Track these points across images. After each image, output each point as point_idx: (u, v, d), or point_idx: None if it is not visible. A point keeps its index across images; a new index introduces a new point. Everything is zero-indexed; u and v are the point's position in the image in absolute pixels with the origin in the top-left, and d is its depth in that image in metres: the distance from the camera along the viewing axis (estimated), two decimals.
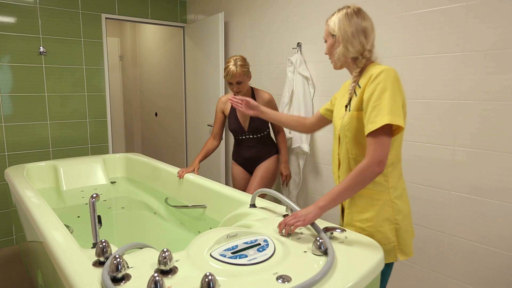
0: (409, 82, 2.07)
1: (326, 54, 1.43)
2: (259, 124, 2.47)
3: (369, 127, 1.22)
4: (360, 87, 1.31)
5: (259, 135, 2.51)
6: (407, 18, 2.06)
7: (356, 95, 1.32)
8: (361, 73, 1.35)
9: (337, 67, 1.42)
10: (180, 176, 2.30)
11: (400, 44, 2.10)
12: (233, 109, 2.49)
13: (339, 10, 1.37)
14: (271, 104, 2.51)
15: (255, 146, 2.54)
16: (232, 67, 2.31)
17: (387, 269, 1.37)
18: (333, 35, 1.36)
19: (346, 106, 1.38)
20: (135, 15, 3.63)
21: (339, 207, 1.49)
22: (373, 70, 1.27)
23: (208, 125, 3.60)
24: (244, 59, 2.38)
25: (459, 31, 1.85)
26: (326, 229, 1.27)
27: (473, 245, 1.89)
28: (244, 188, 2.59)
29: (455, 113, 1.90)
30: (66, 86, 3.32)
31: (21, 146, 3.15)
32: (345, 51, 1.34)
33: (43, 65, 3.18)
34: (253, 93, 2.50)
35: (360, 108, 1.30)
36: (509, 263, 1.78)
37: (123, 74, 5.69)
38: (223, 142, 3.47)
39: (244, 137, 2.52)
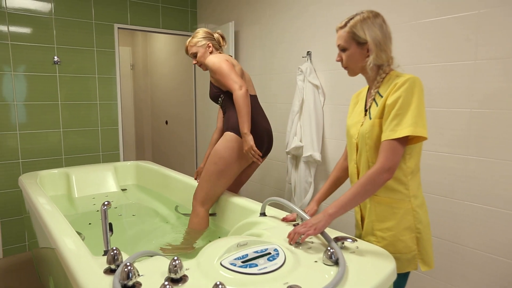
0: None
1: (339, 61, 1.37)
2: (211, 90, 2.18)
3: (388, 134, 1.22)
4: (381, 95, 1.29)
5: (219, 104, 2.19)
6: (418, 26, 2.05)
7: (377, 104, 1.30)
8: (383, 78, 1.32)
9: (355, 74, 1.37)
10: (196, 178, 2.31)
11: (411, 52, 2.10)
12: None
13: (359, 15, 1.30)
14: (210, 72, 2.12)
15: (223, 112, 2.22)
16: (188, 39, 2.17)
17: (403, 279, 1.35)
18: (359, 43, 1.30)
19: (366, 113, 1.35)
20: (146, 25, 3.69)
21: (357, 217, 1.46)
22: (397, 79, 1.26)
23: None
24: (201, 31, 2.17)
25: (471, 39, 1.84)
26: (337, 239, 1.26)
27: (489, 256, 1.85)
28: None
29: (468, 121, 1.88)
30: (79, 95, 3.37)
31: (34, 153, 3.20)
32: (377, 59, 1.29)
33: (57, 74, 3.24)
34: None
35: (380, 116, 1.28)
36: None
37: (135, 83, 5.77)
38: None
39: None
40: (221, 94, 2.12)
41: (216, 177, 2.02)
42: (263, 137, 2.10)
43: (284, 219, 1.55)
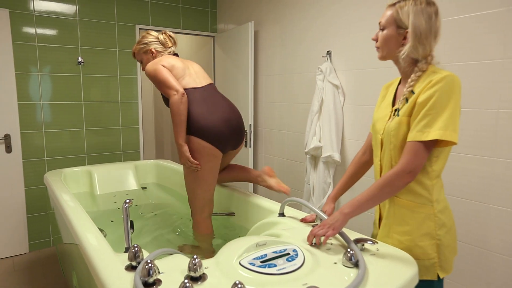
0: None
1: (374, 39, 1.27)
2: (162, 96, 2.00)
3: (415, 135, 1.14)
4: (413, 93, 1.19)
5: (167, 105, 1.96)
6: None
7: (407, 102, 1.20)
8: (419, 77, 1.20)
9: (385, 58, 1.27)
10: None
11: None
12: None
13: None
14: (150, 79, 1.92)
15: None
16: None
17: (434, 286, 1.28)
18: (399, 27, 1.19)
19: (394, 111, 1.27)
20: (167, 25, 3.74)
21: (376, 215, 1.42)
22: (433, 75, 1.16)
23: None
24: (144, 35, 2.05)
25: (499, 37, 1.78)
26: (357, 241, 1.24)
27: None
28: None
29: (495, 121, 1.82)
30: (101, 95, 3.45)
31: (59, 151, 3.29)
32: (412, 51, 1.18)
33: (81, 75, 3.33)
34: None
35: (409, 115, 1.19)
36: None
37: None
38: (246, 149, 3.49)
39: None
40: (167, 101, 1.95)
41: (196, 185, 1.91)
42: (221, 128, 1.85)
43: (303, 220, 1.53)
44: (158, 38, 2.08)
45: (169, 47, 2.10)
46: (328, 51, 2.69)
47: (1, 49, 2.95)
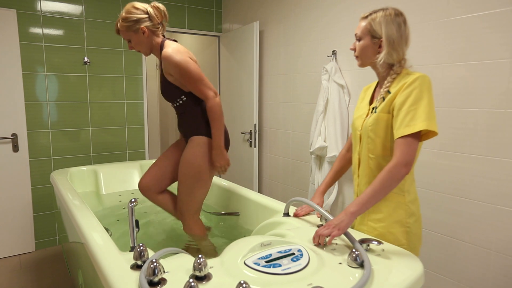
0: (447, 90, 1.99)
1: (352, 49, 1.40)
2: (167, 89, 1.84)
3: (403, 131, 1.23)
4: (389, 92, 1.31)
5: (175, 105, 1.87)
6: (449, 24, 1.99)
7: (383, 100, 1.33)
8: (394, 79, 1.34)
9: (364, 65, 1.40)
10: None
11: (441, 51, 2.03)
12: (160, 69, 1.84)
13: (383, 10, 1.31)
14: (169, 66, 1.74)
15: (178, 116, 1.92)
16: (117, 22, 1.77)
17: None
18: (373, 37, 1.32)
19: (372, 109, 1.38)
20: (172, 25, 3.75)
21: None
22: (407, 77, 1.28)
23: (241, 133, 3.63)
24: (130, 9, 1.74)
25: (504, 36, 1.76)
26: (362, 241, 1.23)
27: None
28: (166, 158, 1.99)
29: (502, 122, 1.81)
30: (107, 94, 3.47)
31: (65, 151, 3.32)
32: (387, 57, 1.31)
33: (87, 75, 3.35)
34: (162, 51, 1.79)
35: (387, 111, 1.31)
36: None
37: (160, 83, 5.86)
38: (250, 149, 3.49)
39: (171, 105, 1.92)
40: (182, 95, 1.82)
41: (199, 187, 1.85)
42: (227, 134, 1.94)
43: (296, 214, 1.57)
44: (148, 13, 1.76)
45: (161, 23, 1.82)
46: (333, 51, 2.68)
47: (9, 49, 2.98)
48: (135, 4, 1.76)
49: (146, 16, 1.76)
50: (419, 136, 1.24)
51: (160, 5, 1.80)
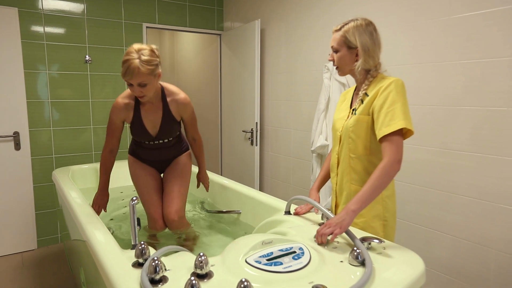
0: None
1: (331, 60, 1.49)
2: (171, 128, 1.98)
3: (384, 130, 1.31)
4: (367, 95, 1.41)
5: (170, 139, 2.03)
6: (450, 22, 1.98)
7: (362, 103, 1.42)
8: (371, 82, 1.43)
9: (345, 74, 1.50)
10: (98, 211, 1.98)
11: (443, 48, 2.03)
12: (136, 116, 1.90)
13: (354, 21, 1.42)
14: (186, 108, 1.95)
15: (164, 147, 2.05)
16: (134, 61, 1.65)
17: None
18: (349, 47, 1.42)
19: (352, 111, 1.47)
20: (174, 23, 3.75)
21: (332, 204, 1.60)
22: (383, 81, 1.38)
23: (243, 131, 3.64)
24: (152, 51, 1.73)
25: (505, 34, 1.76)
26: (364, 239, 1.23)
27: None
28: (156, 187, 2.08)
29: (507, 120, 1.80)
30: (108, 93, 3.47)
31: (66, 149, 3.32)
32: (364, 64, 1.41)
33: (88, 73, 3.35)
34: (163, 94, 1.92)
35: (366, 113, 1.40)
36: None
37: (161, 81, 5.87)
38: (252, 147, 3.49)
39: (151, 142, 2.01)
40: (178, 130, 2.06)
41: (187, 188, 2.13)
42: None
43: (296, 213, 1.60)
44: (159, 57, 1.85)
45: None
46: None
47: (11, 47, 2.98)
48: (152, 47, 1.76)
49: (159, 59, 1.79)
50: (401, 134, 1.32)
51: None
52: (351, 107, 1.51)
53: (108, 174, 2.02)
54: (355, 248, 1.12)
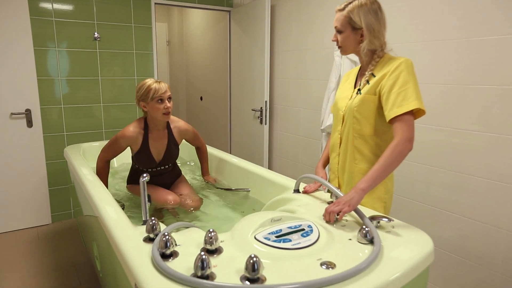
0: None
1: (334, 41, 1.45)
2: (173, 154, 2.18)
3: (396, 111, 1.29)
4: (374, 76, 1.38)
5: (170, 164, 2.22)
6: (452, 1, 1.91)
7: (368, 83, 1.40)
8: (377, 63, 1.41)
9: (348, 53, 1.47)
10: None
11: (454, 26, 1.96)
12: (144, 143, 2.07)
13: (358, 0, 1.36)
14: (187, 132, 2.24)
15: (164, 173, 2.22)
16: (155, 83, 1.98)
17: None
18: (354, 28, 1.38)
19: (356, 91, 1.45)
20: (182, 0, 3.69)
21: (334, 184, 1.60)
22: (391, 62, 1.36)
23: (252, 110, 3.62)
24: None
25: (503, 12, 1.69)
26: (372, 218, 1.24)
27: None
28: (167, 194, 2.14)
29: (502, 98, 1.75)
30: (118, 70, 3.46)
31: (77, 126, 3.36)
32: (370, 45, 1.38)
33: (97, 50, 3.34)
34: (167, 122, 2.17)
35: (373, 93, 1.38)
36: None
37: (170, 59, 5.84)
38: (261, 126, 3.49)
39: (154, 169, 2.17)
40: (177, 157, 2.26)
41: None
42: None
43: (305, 191, 1.59)
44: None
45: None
46: None
47: (20, 24, 2.97)
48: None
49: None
50: (412, 114, 1.30)
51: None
52: (355, 87, 1.49)
53: (106, 180, 2.15)
54: (364, 227, 1.12)
